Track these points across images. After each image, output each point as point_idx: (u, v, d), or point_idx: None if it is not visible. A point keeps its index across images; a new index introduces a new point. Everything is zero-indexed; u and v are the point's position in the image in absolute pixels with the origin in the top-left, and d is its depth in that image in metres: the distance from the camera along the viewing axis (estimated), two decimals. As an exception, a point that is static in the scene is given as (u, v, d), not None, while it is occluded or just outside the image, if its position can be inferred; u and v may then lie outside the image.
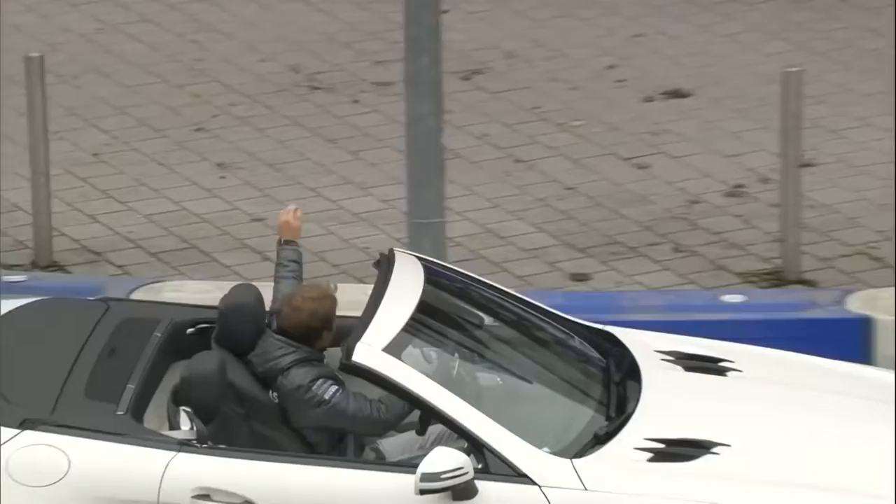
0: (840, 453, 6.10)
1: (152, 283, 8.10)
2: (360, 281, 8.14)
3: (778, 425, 6.22)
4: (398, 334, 5.96)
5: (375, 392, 6.02)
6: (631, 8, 12.26)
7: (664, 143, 10.55)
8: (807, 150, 9.54)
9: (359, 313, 6.06)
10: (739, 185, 10.04)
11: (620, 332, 6.61)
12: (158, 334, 6.30)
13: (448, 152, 8.50)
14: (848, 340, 7.67)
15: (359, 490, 5.75)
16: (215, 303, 6.41)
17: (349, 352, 5.83)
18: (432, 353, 6.19)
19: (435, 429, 6.03)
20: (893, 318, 7.71)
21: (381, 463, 6.00)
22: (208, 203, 9.94)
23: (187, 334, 6.45)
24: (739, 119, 10.81)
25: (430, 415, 5.90)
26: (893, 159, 12.03)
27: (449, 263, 7.09)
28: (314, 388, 6.05)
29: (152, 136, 10.66)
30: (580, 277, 9.13)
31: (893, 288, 8.07)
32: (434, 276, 6.41)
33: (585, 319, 6.74)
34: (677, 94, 11.18)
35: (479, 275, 6.95)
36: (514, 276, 9.05)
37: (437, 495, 5.61)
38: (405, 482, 5.64)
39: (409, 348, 6.05)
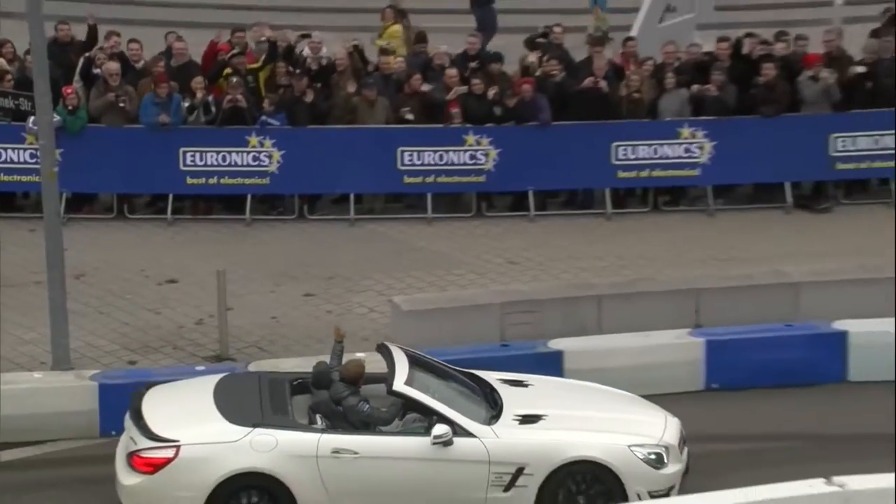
0: (599, 416, 11.51)
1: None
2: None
3: (562, 407, 11.60)
4: (407, 376, 11.29)
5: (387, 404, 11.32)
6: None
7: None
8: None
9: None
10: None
11: (477, 372, 11.97)
12: (287, 383, 11.59)
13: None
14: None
15: (398, 444, 11.01)
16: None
17: (390, 386, 11.15)
18: (423, 384, 11.31)
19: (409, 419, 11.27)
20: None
21: (405, 433, 11.10)
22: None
23: (298, 384, 11.62)
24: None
25: (425, 411, 11.08)
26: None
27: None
28: (358, 406, 11.11)
29: None
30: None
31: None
32: (409, 354, 11.63)
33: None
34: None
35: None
36: None
37: (433, 443, 10.89)
38: (420, 440, 10.96)
39: (413, 383, 11.25)
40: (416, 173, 16.80)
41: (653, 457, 11.01)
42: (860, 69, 16.81)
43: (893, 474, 9.30)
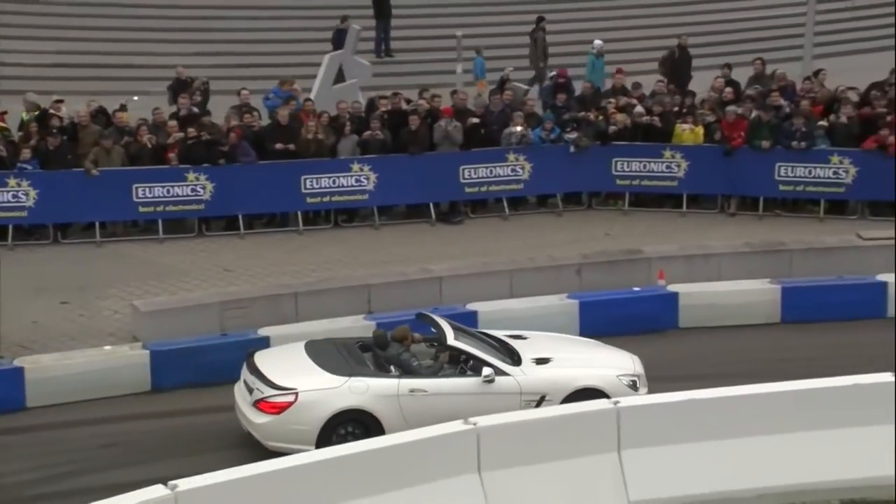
0: (588, 356, 12.22)
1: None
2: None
3: (559, 351, 12.12)
4: (454, 334, 11.83)
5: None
6: None
7: None
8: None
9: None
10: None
11: (488, 331, 12.38)
12: (355, 346, 11.95)
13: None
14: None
15: (456, 383, 11.56)
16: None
17: (445, 341, 11.77)
18: (464, 340, 11.92)
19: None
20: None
21: (458, 375, 11.72)
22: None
23: (361, 345, 12.00)
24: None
25: (475, 360, 11.67)
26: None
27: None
28: (410, 360, 11.63)
29: None
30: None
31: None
32: (446, 319, 12.19)
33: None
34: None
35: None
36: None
37: (482, 380, 11.51)
38: (472, 380, 11.53)
39: (459, 339, 11.85)
40: (149, 203, 16.51)
41: (631, 383, 11.82)
42: (476, 120, 17.57)
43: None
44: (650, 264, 15.21)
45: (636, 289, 14.68)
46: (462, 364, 11.73)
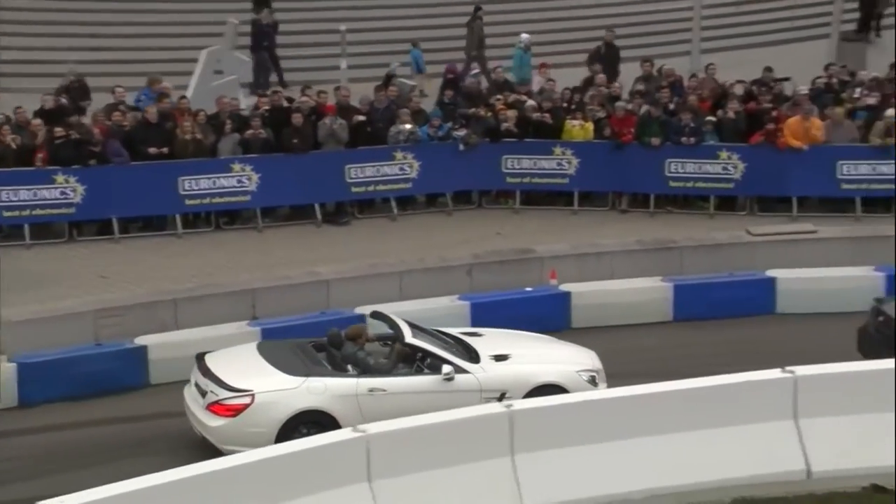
0: (546, 352, 12.51)
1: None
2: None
3: (517, 348, 12.35)
4: (412, 332, 11.99)
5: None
6: None
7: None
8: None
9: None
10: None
11: (442, 328, 12.63)
12: (309, 346, 12.08)
13: None
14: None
15: (416, 381, 11.77)
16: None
17: (403, 340, 11.90)
18: (422, 337, 12.09)
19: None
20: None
21: (415, 374, 11.86)
22: None
23: (314, 345, 12.08)
24: None
25: (434, 358, 11.83)
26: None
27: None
28: (366, 358, 11.73)
29: None
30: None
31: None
32: (402, 318, 12.31)
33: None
34: None
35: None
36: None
37: (442, 378, 11.74)
38: (432, 378, 11.78)
39: (418, 336, 12.02)
40: (13, 207, 16.04)
41: (591, 378, 12.05)
42: (361, 117, 17.51)
43: None
44: (542, 264, 15.37)
45: (528, 289, 14.81)
46: (418, 362, 11.91)
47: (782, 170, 17.21)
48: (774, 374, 10.62)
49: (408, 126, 17.40)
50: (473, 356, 12.06)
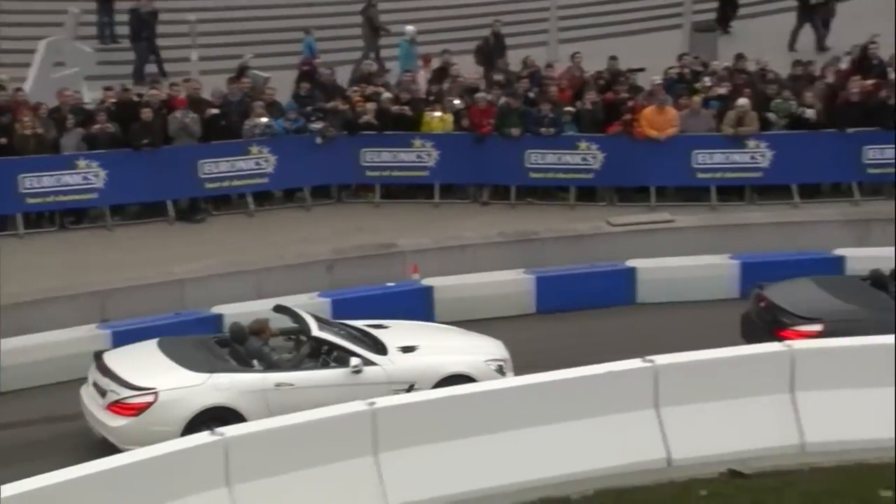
0: (454, 342, 12.73)
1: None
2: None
3: (424, 339, 12.52)
4: (318, 325, 12.08)
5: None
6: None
7: None
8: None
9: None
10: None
11: (346, 321, 12.71)
12: (212, 341, 12.12)
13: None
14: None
15: (324, 375, 11.82)
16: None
17: (309, 333, 11.98)
18: (329, 330, 12.15)
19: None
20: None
21: (326, 366, 11.93)
22: None
23: (217, 341, 12.16)
24: None
25: (341, 351, 11.86)
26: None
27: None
28: (270, 353, 11.78)
29: None
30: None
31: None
32: (307, 311, 12.42)
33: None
34: None
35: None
36: None
37: (350, 371, 11.78)
38: (340, 371, 11.83)
39: (325, 329, 12.11)
40: None
41: (498, 367, 12.22)
42: (215, 110, 17.28)
43: None
44: (404, 258, 15.44)
45: (390, 284, 14.85)
46: (324, 356, 11.92)
47: (640, 160, 17.66)
48: (635, 363, 10.89)
49: (263, 119, 17.25)
50: (381, 348, 12.13)
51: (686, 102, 17.96)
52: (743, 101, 17.65)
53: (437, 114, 17.86)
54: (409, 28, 21.09)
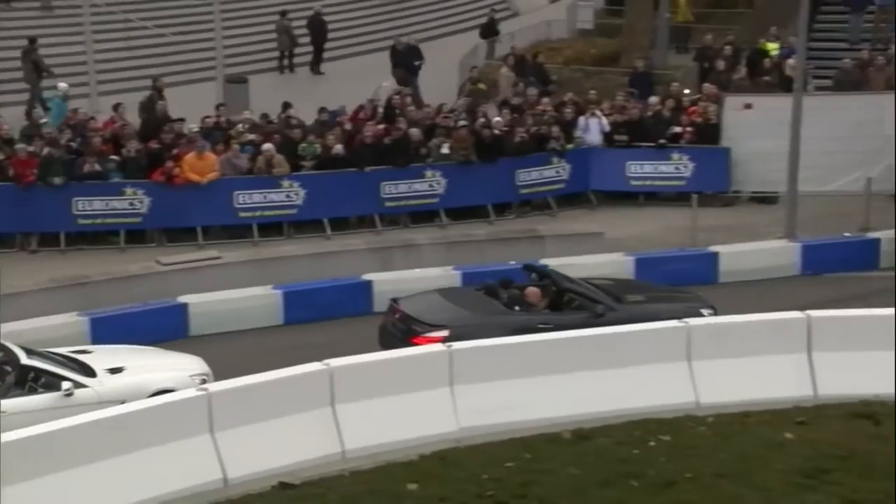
0: (158, 361, 13.31)
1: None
2: None
3: (128, 360, 13.02)
4: (27, 354, 12.33)
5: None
6: None
7: None
8: None
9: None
10: None
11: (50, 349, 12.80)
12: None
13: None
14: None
15: (35, 400, 12.06)
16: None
17: (18, 362, 12.21)
18: (39, 359, 12.61)
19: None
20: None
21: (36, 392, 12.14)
22: None
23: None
24: None
25: (51, 376, 12.15)
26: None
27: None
28: None
29: None
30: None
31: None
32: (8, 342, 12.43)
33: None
34: None
35: None
36: None
37: (60, 395, 12.13)
38: (51, 395, 12.16)
39: (32, 357, 12.35)
40: None
41: (202, 381, 12.71)
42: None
43: None
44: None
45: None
46: (31, 383, 12.18)
47: (185, 202, 18.58)
48: (189, 393, 11.50)
49: None
50: (89, 371, 12.61)
51: (223, 148, 19.11)
52: (268, 146, 19.11)
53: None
54: (62, 85, 21.31)
